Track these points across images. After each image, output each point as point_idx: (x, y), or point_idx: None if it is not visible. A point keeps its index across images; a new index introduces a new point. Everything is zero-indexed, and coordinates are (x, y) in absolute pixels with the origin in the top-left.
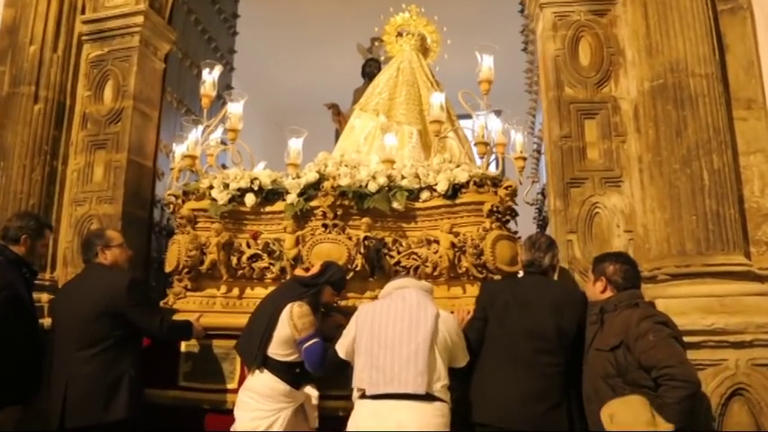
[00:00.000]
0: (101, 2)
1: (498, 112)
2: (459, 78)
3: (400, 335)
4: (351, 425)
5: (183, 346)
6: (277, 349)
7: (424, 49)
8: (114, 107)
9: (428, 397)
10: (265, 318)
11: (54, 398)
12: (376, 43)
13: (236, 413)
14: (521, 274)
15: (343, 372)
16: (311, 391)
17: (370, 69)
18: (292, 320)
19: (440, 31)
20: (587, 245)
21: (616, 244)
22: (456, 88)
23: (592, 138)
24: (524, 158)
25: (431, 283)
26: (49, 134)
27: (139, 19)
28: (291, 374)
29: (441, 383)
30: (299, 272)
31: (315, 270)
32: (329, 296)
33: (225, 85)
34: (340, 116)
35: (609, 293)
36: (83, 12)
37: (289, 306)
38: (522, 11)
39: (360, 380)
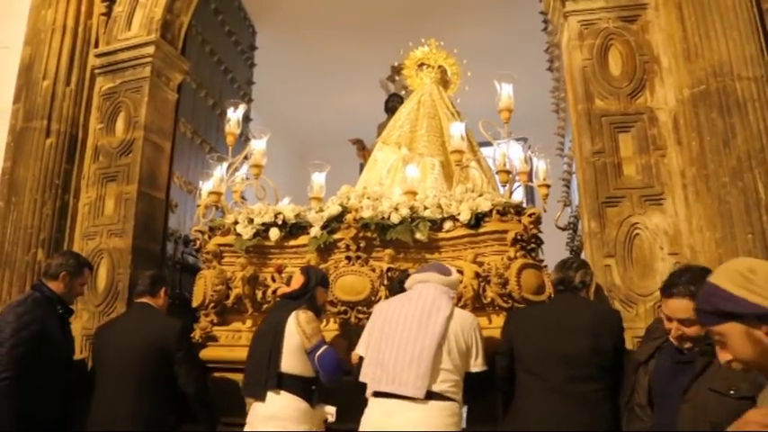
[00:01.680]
0: (114, 35)
1: (524, 140)
2: (482, 107)
3: (407, 335)
4: (363, 422)
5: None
6: (291, 362)
7: (444, 82)
8: (125, 138)
9: (434, 396)
10: (267, 340)
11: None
12: (397, 77)
13: None
14: None
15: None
16: (330, 409)
17: (393, 104)
18: (300, 327)
19: (460, 63)
20: (627, 270)
21: (660, 268)
22: (479, 117)
23: (628, 152)
24: (548, 186)
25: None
26: (61, 168)
27: (150, 49)
28: (309, 392)
29: (448, 384)
30: (282, 291)
31: (298, 280)
32: (323, 296)
33: (243, 117)
34: (364, 151)
35: None
36: (96, 45)
37: (293, 314)
38: (545, 29)
39: (365, 374)
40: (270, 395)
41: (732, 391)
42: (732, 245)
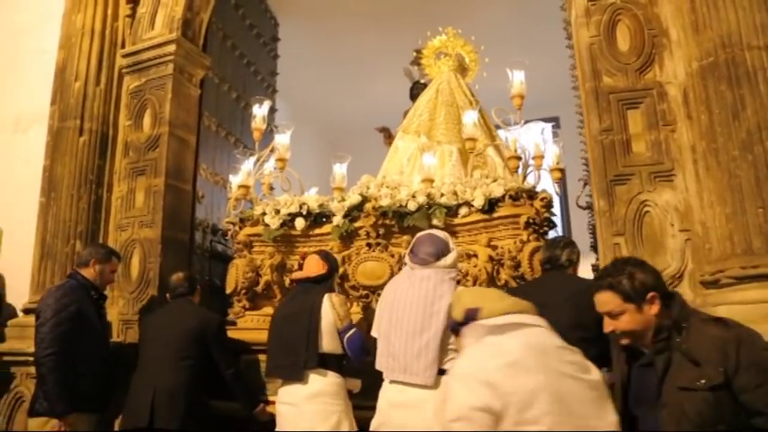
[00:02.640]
0: (138, 35)
1: (556, 120)
2: (504, 90)
3: (413, 326)
4: (381, 396)
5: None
6: (329, 342)
7: (462, 69)
8: (152, 134)
9: (444, 372)
10: (301, 323)
11: (143, 399)
12: (417, 66)
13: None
14: None
15: None
16: (356, 382)
17: (417, 91)
18: (335, 309)
19: (477, 49)
20: (638, 248)
21: (671, 245)
22: (502, 100)
23: (637, 129)
24: (561, 170)
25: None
26: (94, 164)
27: (172, 48)
28: (342, 367)
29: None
30: (298, 275)
31: (318, 265)
32: (335, 280)
33: (269, 108)
34: (390, 138)
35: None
36: (122, 46)
37: (327, 296)
38: (563, 5)
39: (379, 363)
40: (311, 375)
41: (701, 382)
42: (743, 219)
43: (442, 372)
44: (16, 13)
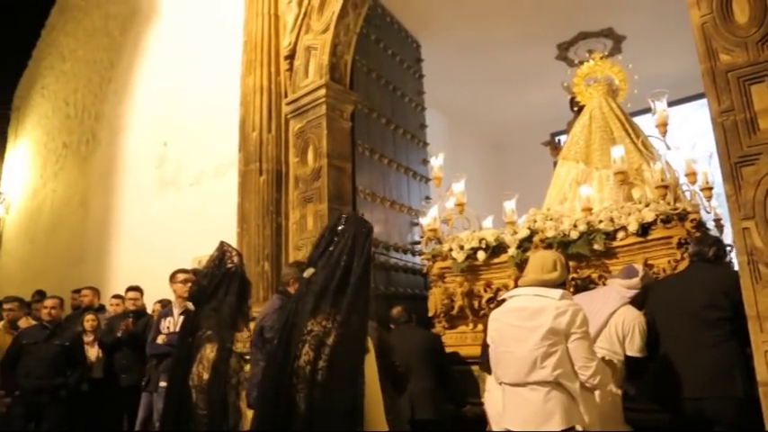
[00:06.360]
0: (297, 84)
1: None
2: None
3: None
4: None
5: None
6: None
7: (612, 92)
8: (314, 167)
9: None
10: None
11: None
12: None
13: None
14: None
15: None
16: None
17: (576, 105)
18: None
19: (625, 68)
20: None
21: None
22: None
23: (763, 105)
24: (711, 188)
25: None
26: (272, 197)
27: (323, 91)
28: None
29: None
30: None
31: None
32: None
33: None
34: (556, 150)
35: None
36: (285, 96)
37: None
38: None
39: None
40: None
41: None
42: None
43: None
44: (208, 86)
